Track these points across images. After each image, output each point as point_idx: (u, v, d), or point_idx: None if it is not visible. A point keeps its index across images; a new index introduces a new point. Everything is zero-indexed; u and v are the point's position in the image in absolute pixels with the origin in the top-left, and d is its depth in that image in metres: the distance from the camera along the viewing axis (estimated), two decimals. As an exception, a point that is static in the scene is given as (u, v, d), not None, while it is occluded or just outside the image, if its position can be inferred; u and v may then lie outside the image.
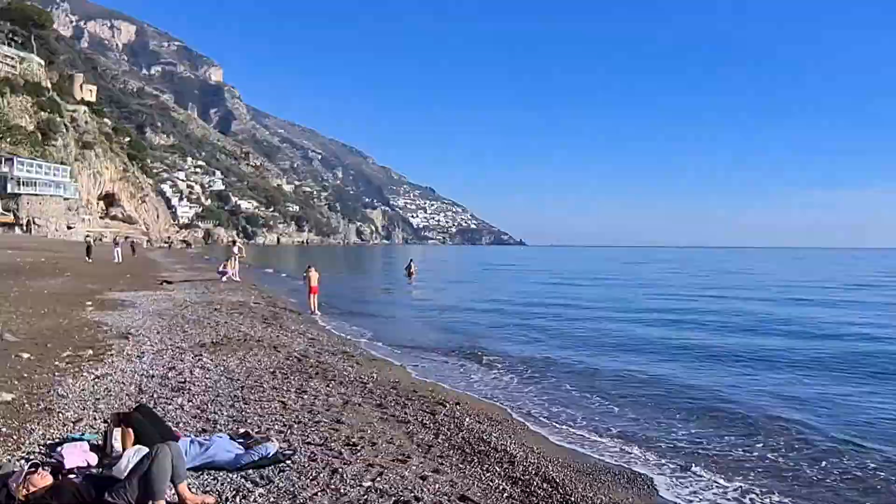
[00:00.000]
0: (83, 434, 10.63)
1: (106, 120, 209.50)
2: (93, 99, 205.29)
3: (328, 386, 15.42)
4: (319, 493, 9.09)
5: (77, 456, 9.51)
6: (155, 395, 13.41)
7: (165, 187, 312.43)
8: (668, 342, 25.74)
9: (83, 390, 13.37)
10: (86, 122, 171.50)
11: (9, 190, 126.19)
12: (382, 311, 35.81)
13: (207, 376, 15.44)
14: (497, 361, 21.13)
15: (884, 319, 34.15)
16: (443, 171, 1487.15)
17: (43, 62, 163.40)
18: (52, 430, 10.87)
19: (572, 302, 42.40)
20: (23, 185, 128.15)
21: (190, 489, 8.85)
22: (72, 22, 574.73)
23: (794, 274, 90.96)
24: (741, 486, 11.24)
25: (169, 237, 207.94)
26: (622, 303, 42.42)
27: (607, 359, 22.10)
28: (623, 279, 72.62)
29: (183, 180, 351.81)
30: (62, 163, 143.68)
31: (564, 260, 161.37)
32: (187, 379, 15.03)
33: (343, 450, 10.83)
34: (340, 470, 9.90)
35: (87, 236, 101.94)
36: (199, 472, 9.56)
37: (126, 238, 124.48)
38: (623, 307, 39.32)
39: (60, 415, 11.70)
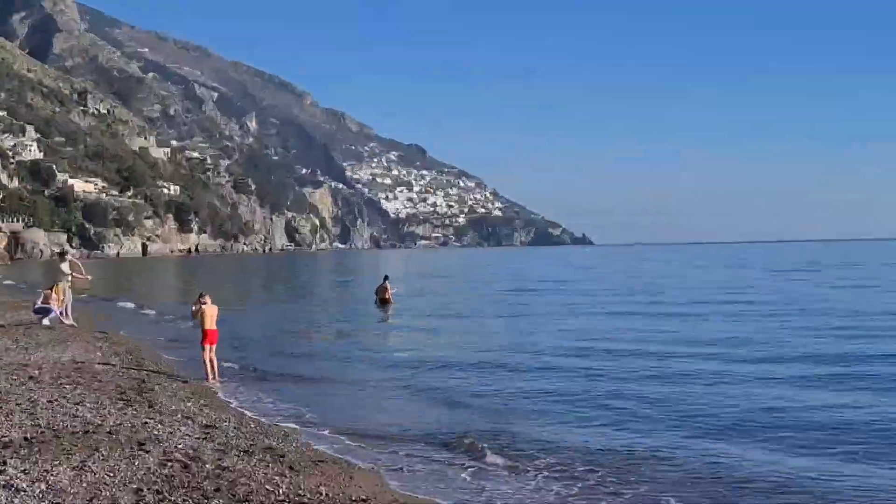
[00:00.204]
0: None
1: None
2: None
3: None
4: None
5: None
6: None
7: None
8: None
9: None
10: None
11: None
12: (332, 370, 21.79)
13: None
14: (533, 461, 12.60)
15: None
16: (440, 125, 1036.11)
17: None
18: None
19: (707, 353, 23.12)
20: None
21: None
22: None
23: None
24: None
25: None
26: (808, 349, 24.10)
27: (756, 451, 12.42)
28: (788, 305, 40.67)
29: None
30: None
31: (661, 267, 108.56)
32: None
33: None
34: None
35: None
36: None
37: None
38: (817, 356, 22.76)
39: None
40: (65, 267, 30.19)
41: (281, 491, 10.10)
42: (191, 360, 21.65)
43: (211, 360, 19.68)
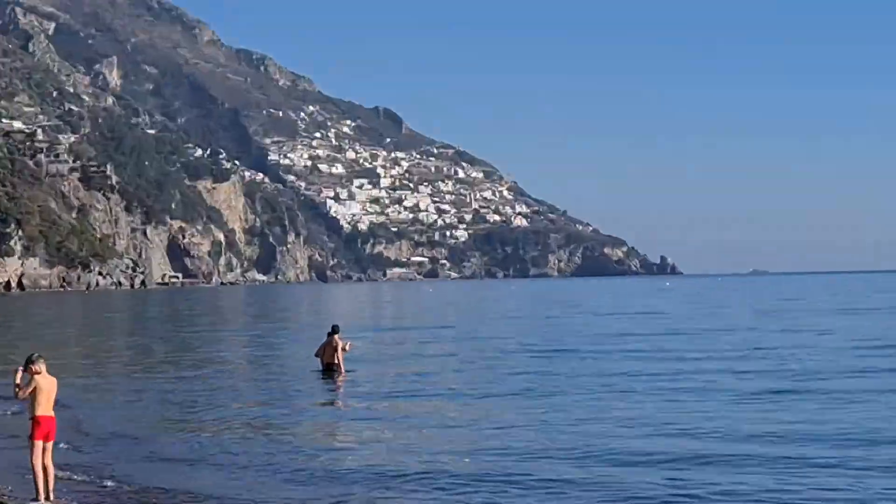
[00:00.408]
0: None
1: None
2: None
3: None
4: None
5: None
6: None
7: None
8: None
9: None
10: None
11: None
12: (238, 489, 13.37)
13: None
14: None
15: None
16: (423, 79, 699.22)
17: None
18: None
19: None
20: None
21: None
22: None
23: None
24: None
25: None
26: None
27: None
28: None
29: None
30: None
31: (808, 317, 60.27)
32: None
33: None
34: None
35: None
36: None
37: None
38: None
39: None
40: None
41: None
42: (11, 469, 13.99)
43: (45, 469, 12.02)
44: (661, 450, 15.32)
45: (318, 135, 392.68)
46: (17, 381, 12.03)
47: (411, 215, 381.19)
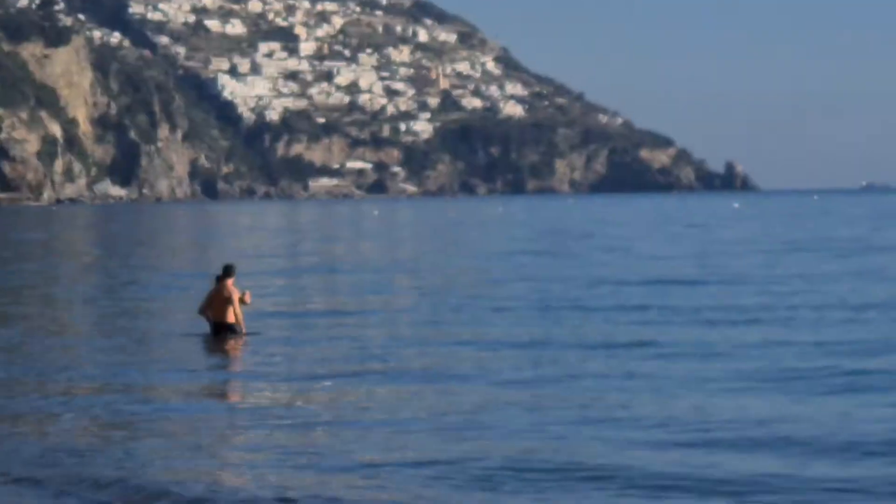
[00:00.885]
0: None
1: None
2: None
3: None
4: None
5: None
6: None
7: None
8: None
9: None
10: None
11: None
12: None
13: None
14: None
15: None
16: None
17: None
18: None
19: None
20: None
21: None
22: None
23: None
24: None
25: None
26: None
27: None
28: None
29: None
30: None
31: None
32: None
33: None
34: None
35: None
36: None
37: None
38: None
39: None
40: None
41: None
42: None
43: None
44: None
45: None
46: None
47: (347, 99, 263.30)
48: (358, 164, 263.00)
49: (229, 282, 18.50)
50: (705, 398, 12.66)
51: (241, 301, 18.36)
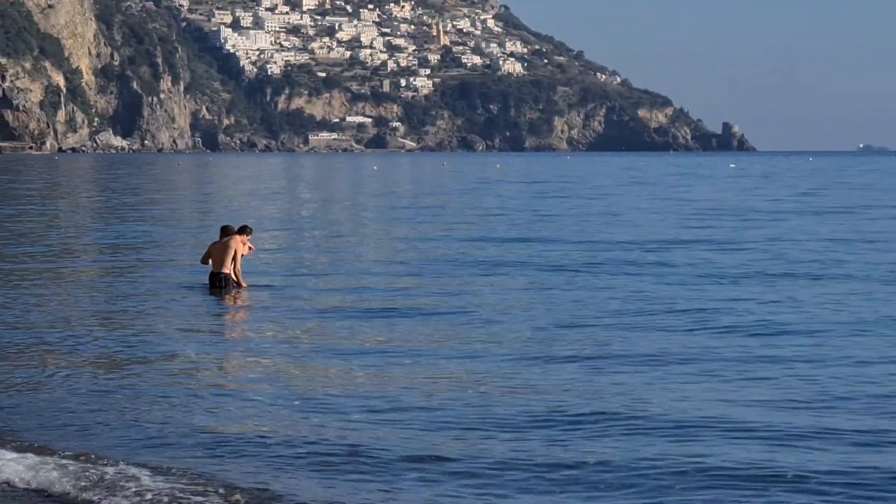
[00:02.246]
0: None
1: None
2: None
3: None
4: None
5: None
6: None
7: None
8: None
9: None
10: None
11: None
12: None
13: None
14: None
15: None
16: None
17: None
18: None
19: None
20: None
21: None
22: None
23: None
24: None
25: None
26: None
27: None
28: None
29: None
30: None
31: None
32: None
33: None
34: None
35: None
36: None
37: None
38: None
39: None
40: None
41: None
42: None
43: None
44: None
45: None
46: None
47: (348, 54, 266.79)
48: (358, 119, 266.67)
49: (241, 237, 18.31)
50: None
51: (245, 252, 18.39)
